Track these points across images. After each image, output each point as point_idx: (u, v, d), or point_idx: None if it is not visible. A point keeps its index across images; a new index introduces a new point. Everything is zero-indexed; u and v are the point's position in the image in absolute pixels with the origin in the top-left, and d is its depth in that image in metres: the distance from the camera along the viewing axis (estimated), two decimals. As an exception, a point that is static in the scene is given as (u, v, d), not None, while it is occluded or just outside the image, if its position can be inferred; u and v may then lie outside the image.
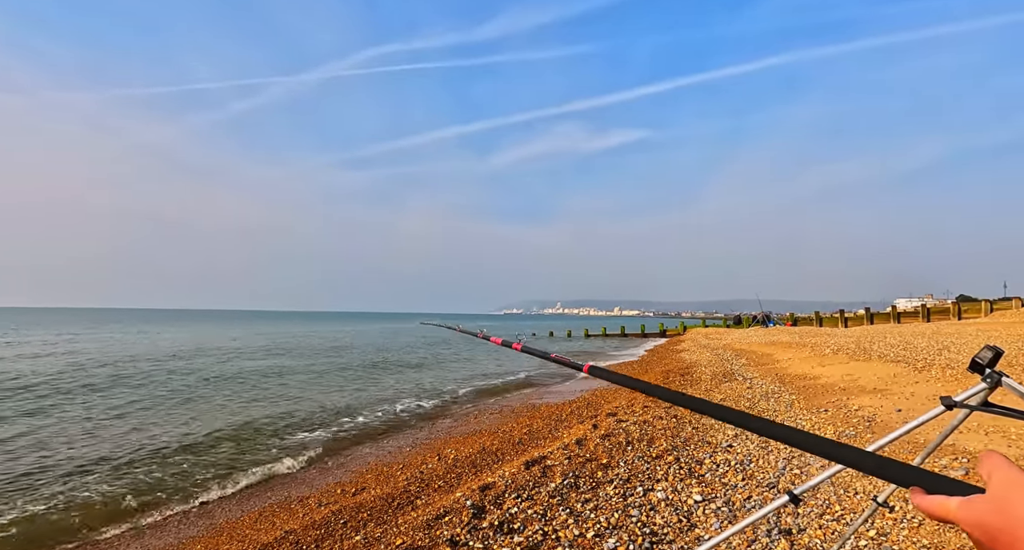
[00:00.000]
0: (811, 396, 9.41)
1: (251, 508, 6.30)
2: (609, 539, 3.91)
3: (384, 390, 15.89)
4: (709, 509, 4.42)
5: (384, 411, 12.28)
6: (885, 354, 13.15)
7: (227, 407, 12.58)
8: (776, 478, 5.07)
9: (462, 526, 4.33)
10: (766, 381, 11.90)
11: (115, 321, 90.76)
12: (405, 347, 35.21)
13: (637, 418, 8.44)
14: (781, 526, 3.90)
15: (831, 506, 4.21)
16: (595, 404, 11.56)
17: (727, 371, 14.72)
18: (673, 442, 6.71)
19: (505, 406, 13.06)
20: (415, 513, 5.14)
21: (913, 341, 15.72)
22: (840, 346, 16.70)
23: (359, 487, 6.71)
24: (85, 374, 18.03)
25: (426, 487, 6.30)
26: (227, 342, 37.96)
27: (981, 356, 1.25)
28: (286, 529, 5.20)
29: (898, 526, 3.67)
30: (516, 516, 4.47)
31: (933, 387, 8.59)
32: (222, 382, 17.05)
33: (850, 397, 8.77)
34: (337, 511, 5.56)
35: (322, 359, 25.96)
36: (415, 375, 19.92)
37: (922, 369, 10.27)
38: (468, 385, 17.25)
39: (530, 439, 8.53)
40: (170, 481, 7.26)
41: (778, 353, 18.25)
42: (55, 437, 9.44)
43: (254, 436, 9.79)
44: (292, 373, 19.83)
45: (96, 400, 13.17)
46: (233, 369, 20.67)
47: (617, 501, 4.72)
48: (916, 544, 3.38)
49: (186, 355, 26.49)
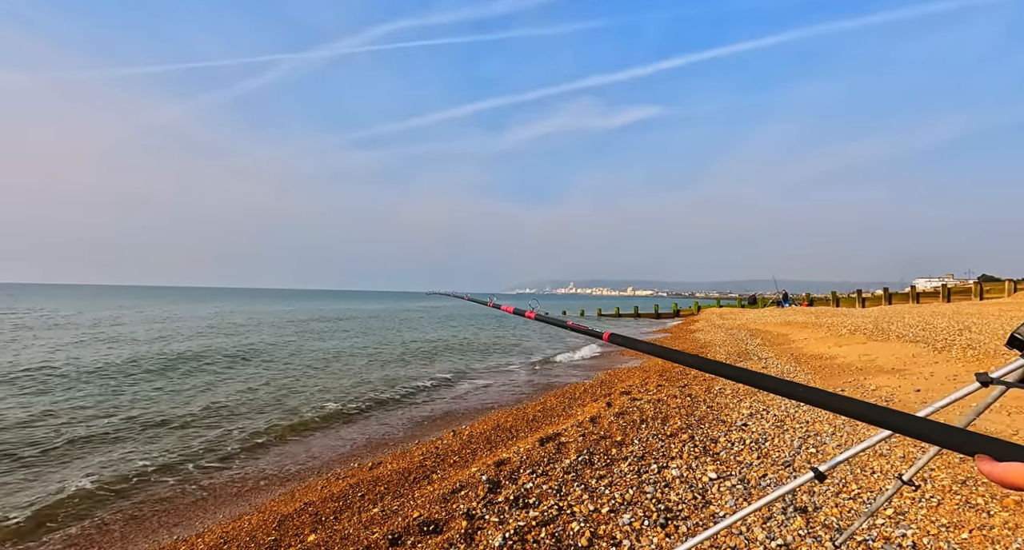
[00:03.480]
0: (827, 376, 9.34)
1: (270, 480, 6.45)
2: (624, 514, 3.94)
3: (402, 368, 16.08)
4: (724, 487, 4.43)
5: (398, 387, 12.43)
6: (903, 334, 12.98)
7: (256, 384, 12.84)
8: (792, 457, 5.05)
9: (478, 500, 4.38)
10: (782, 361, 11.82)
11: (133, 298, 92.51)
12: (418, 327, 35.53)
13: (651, 397, 8.45)
14: (796, 504, 3.89)
15: (847, 485, 4.19)
16: (609, 383, 11.59)
17: (742, 351, 14.65)
18: (687, 420, 6.71)
19: (519, 384, 13.16)
20: (431, 487, 5.22)
21: (933, 321, 15.48)
22: (857, 326, 16.50)
23: (375, 461, 6.83)
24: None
25: (441, 462, 6.39)
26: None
27: (1021, 331, 1.19)
28: (305, 501, 5.31)
29: (916, 505, 3.65)
30: (531, 491, 4.51)
31: (953, 367, 8.46)
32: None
33: (867, 377, 8.69)
34: (355, 484, 5.67)
35: (335, 341, 26.31)
36: (432, 354, 20.11)
37: (942, 349, 10.12)
38: (481, 364, 17.38)
39: (544, 417, 8.59)
40: (195, 448, 7.45)
41: (794, 333, 18.10)
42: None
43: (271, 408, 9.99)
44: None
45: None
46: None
47: (631, 478, 4.74)
48: (935, 523, 3.36)
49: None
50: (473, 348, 22.30)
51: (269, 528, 4.70)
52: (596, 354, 19.52)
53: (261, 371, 14.86)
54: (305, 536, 4.42)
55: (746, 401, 7.64)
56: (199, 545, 4.53)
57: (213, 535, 4.75)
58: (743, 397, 7.95)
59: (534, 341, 26.13)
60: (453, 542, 3.65)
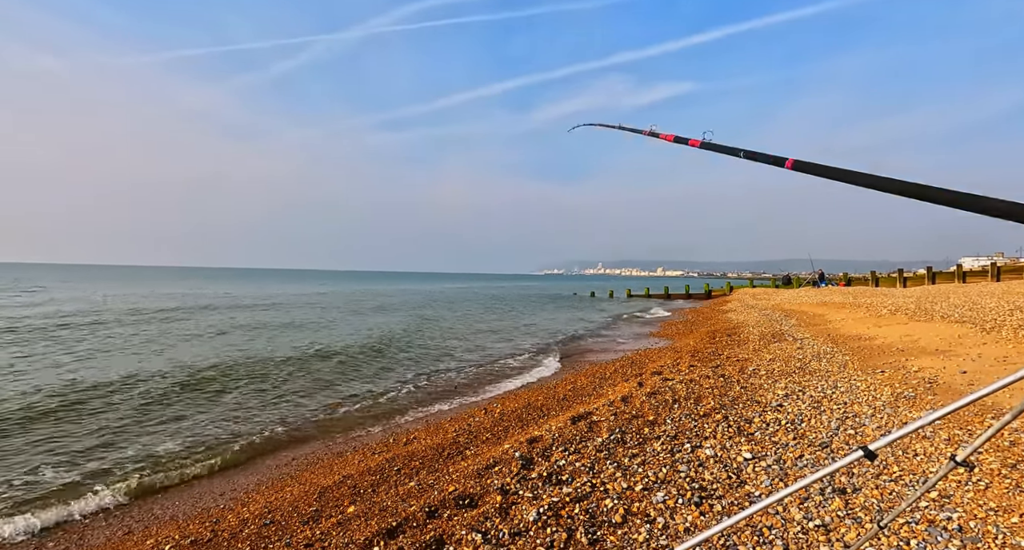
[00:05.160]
0: (866, 357, 9.09)
1: (306, 454, 6.68)
2: (658, 493, 3.95)
3: (434, 349, 16.33)
4: (759, 467, 4.39)
5: (432, 364, 12.65)
6: (949, 314, 12.50)
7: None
8: (829, 438, 4.96)
9: (512, 476, 4.45)
10: (818, 341, 11.55)
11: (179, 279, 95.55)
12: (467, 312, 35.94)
13: (683, 377, 8.38)
14: (835, 485, 3.83)
15: (888, 467, 4.10)
16: (639, 363, 11.54)
17: (776, 331, 14.36)
18: (721, 401, 6.64)
19: (551, 364, 13.23)
20: (465, 463, 5.32)
21: (980, 301, 14.86)
22: (898, 306, 15.96)
23: (410, 437, 6.99)
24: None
25: (474, 439, 6.50)
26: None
27: None
28: (344, 474, 5.49)
29: (962, 488, 3.55)
30: (564, 468, 4.56)
31: (1003, 349, 8.13)
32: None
33: (909, 358, 8.42)
34: (390, 459, 5.83)
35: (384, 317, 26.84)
36: (470, 332, 20.36)
37: (991, 330, 9.72)
38: (517, 341, 17.52)
39: (575, 396, 8.63)
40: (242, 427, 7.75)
41: (830, 313, 17.64)
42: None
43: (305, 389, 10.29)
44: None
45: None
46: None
47: (665, 457, 4.74)
48: (983, 507, 3.27)
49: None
50: (510, 328, 22.50)
51: (310, 499, 4.88)
52: (628, 332, 19.46)
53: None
54: (345, 507, 4.57)
55: (781, 382, 7.52)
56: (244, 514, 4.74)
57: (257, 505, 4.95)
58: (778, 378, 7.82)
59: (566, 322, 26.19)
60: (488, 516, 3.72)
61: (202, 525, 4.61)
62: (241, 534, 4.28)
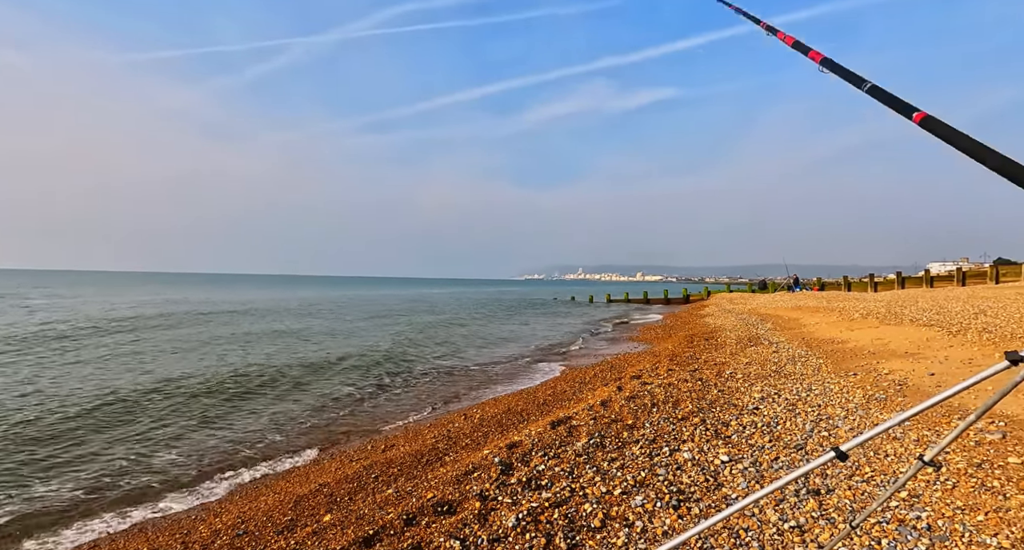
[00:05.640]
0: (839, 360, 9.28)
1: (283, 463, 6.56)
2: (636, 496, 3.96)
3: (416, 355, 16.21)
4: (736, 469, 4.44)
5: (412, 371, 12.54)
6: (917, 318, 12.84)
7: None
8: (804, 440, 5.04)
9: (491, 482, 4.43)
10: (793, 345, 11.76)
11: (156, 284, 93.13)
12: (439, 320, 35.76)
13: (662, 381, 8.45)
14: (809, 486, 3.89)
15: (860, 468, 4.18)
16: (619, 367, 11.61)
17: (752, 335, 14.58)
18: (699, 404, 6.71)
19: (531, 369, 13.22)
20: (444, 469, 5.28)
21: (947, 305, 15.30)
22: (869, 310, 16.36)
23: (388, 444, 6.91)
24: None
25: (454, 445, 6.45)
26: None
27: None
28: (320, 482, 5.40)
29: (931, 488, 3.64)
30: (543, 473, 4.55)
31: (969, 351, 8.37)
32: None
33: (880, 361, 8.62)
34: (368, 466, 5.75)
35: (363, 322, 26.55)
36: (449, 339, 20.25)
37: (957, 333, 10.01)
38: (498, 347, 17.48)
39: (554, 400, 8.63)
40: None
41: (805, 317, 17.98)
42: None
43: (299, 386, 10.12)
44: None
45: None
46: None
47: (643, 460, 4.76)
48: (950, 506, 3.35)
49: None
50: (492, 332, 22.44)
51: (285, 508, 4.78)
52: (608, 337, 19.57)
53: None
54: (321, 516, 4.49)
55: (757, 385, 7.62)
56: (216, 524, 4.63)
57: (230, 515, 4.84)
58: (754, 381, 7.93)
59: (550, 328, 26.24)
60: (467, 522, 3.69)
61: (172, 537, 4.48)
62: (213, 546, 4.18)
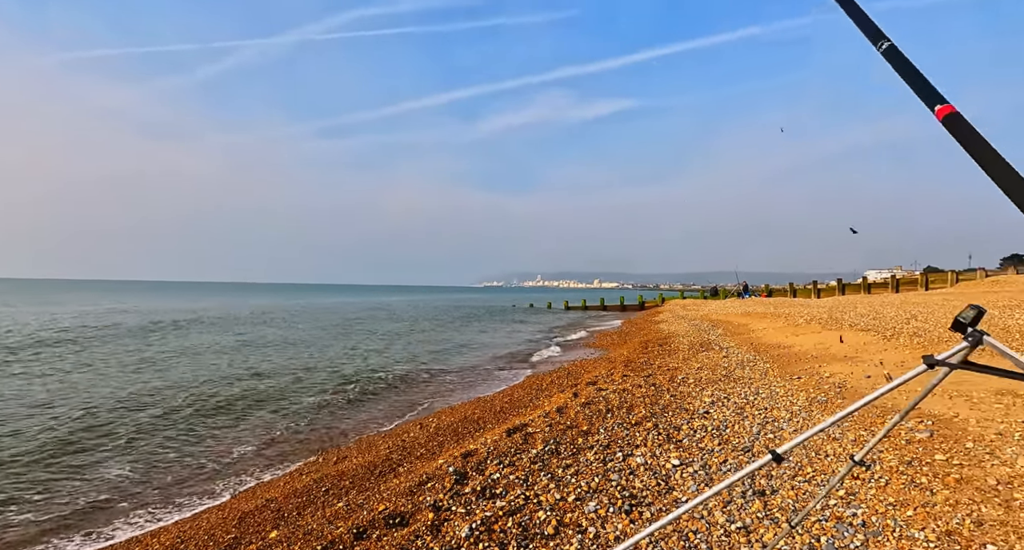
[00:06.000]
0: (785, 364, 9.65)
1: (230, 478, 6.29)
2: (590, 502, 3.99)
3: (372, 364, 15.89)
4: (687, 473, 4.54)
5: (367, 382, 12.29)
6: (856, 323, 13.52)
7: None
8: (751, 442, 5.21)
9: (445, 492, 4.37)
10: (742, 350, 12.16)
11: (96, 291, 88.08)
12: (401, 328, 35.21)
13: (617, 386, 8.57)
14: (755, 488, 4.02)
15: (803, 468, 4.35)
16: (575, 374, 11.71)
17: (704, 341, 15.00)
18: (652, 409, 6.83)
19: (489, 377, 13.18)
20: (397, 480, 5.18)
21: (882, 311, 16.18)
22: (813, 316, 17.11)
23: (340, 456, 6.74)
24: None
25: (408, 455, 6.35)
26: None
27: (964, 315, 1.24)
28: (267, 497, 5.20)
29: (866, 485, 3.81)
30: (498, 482, 4.53)
31: (901, 354, 8.87)
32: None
33: (822, 365, 9.01)
34: (319, 479, 5.58)
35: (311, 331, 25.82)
36: (407, 347, 19.95)
37: (891, 337, 10.59)
38: (454, 357, 17.34)
39: (511, 408, 8.63)
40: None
41: (753, 323, 18.64)
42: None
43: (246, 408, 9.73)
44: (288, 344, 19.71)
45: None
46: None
47: (597, 466, 4.81)
48: (883, 502, 3.52)
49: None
50: (448, 341, 22.24)
51: (229, 526, 4.59)
52: (565, 344, 19.73)
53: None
54: (267, 533, 4.33)
55: (708, 390, 7.83)
56: (154, 545, 4.39)
57: (169, 535, 4.60)
58: (705, 386, 8.15)
59: (508, 335, 26.23)
60: (419, 534, 3.63)
61: (105, 561, 4.23)
62: (149, 568, 3.96)
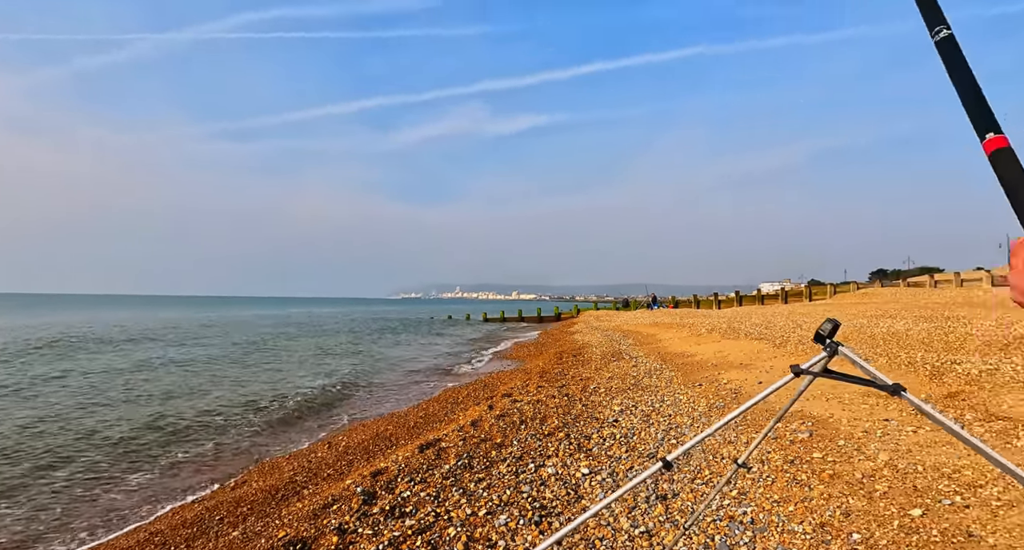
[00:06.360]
0: (688, 372, 10.22)
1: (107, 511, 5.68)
2: (501, 515, 3.98)
3: (280, 378, 15.01)
4: (595, 481, 4.66)
5: (274, 400, 11.58)
6: (750, 332, 14.61)
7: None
8: (656, 449, 5.44)
9: (351, 513, 4.19)
10: (650, 359, 12.74)
11: None
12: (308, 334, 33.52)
13: (531, 398, 8.67)
14: (658, 492, 4.20)
15: (701, 471, 4.60)
16: (492, 386, 11.73)
17: (615, 351, 15.57)
18: (564, 419, 6.97)
19: (404, 391, 12.88)
20: (300, 504, 4.91)
21: (774, 320, 17.62)
22: (714, 326, 18.30)
23: (239, 481, 6.29)
24: None
25: (314, 476, 6.05)
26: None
27: (823, 328, 1.40)
28: (151, 530, 4.74)
29: (756, 485, 4.10)
30: (408, 500, 4.41)
31: (789, 361, 9.67)
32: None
33: (721, 372, 9.64)
34: (212, 507, 5.17)
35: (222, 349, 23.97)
36: (317, 363, 19.03)
37: (780, 345, 11.54)
38: (367, 372, 16.77)
39: (425, 423, 8.48)
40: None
41: (661, 333, 19.62)
42: None
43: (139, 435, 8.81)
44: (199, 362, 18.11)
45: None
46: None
47: (510, 478, 4.82)
48: (769, 500, 3.80)
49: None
50: (363, 356, 21.48)
51: (104, 566, 4.13)
52: (483, 356, 19.72)
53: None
54: (149, 571, 3.94)
55: (618, 399, 8.12)
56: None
57: (30, 581, 4.07)
58: (615, 395, 8.44)
59: (424, 348, 25.79)
60: (322, 560, 3.45)
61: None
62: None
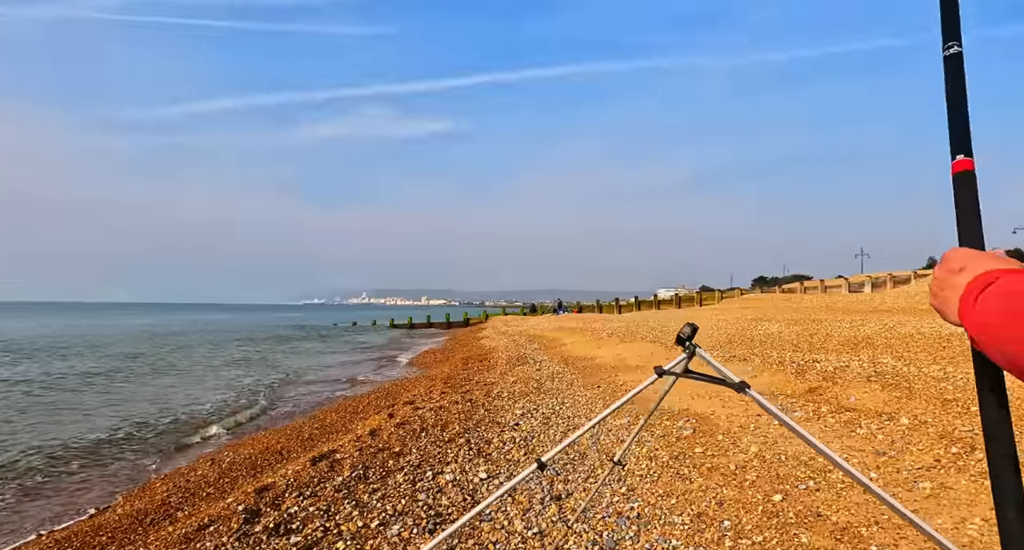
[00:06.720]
0: (589, 374, 10.59)
1: None
2: (394, 526, 3.87)
3: (162, 393, 13.63)
4: (493, 485, 4.67)
5: (155, 417, 10.50)
6: (646, 336, 15.45)
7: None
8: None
9: (230, 534, 3.88)
10: (553, 363, 13.06)
11: None
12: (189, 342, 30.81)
13: (434, 404, 8.56)
14: (553, 493, 4.28)
15: (594, 471, 4.76)
16: (394, 393, 11.44)
17: (521, 355, 15.81)
18: (465, 425, 6.94)
19: (299, 402, 12.23)
20: (172, 527, 4.47)
21: (667, 324, 18.74)
22: (614, 330, 19.14)
23: (102, 506, 5.63)
24: None
25: (192, 496, 5.55)
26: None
27: (683, 332, 1.50)
28: (-15, 572, 4.11)
29: (643, 481, 4.31)
30: (296, 515, 4.16)
31: (678, 362, 10.31)
32: None
33: (618, 374, 10.09)
34: (63, 538, 4.58)
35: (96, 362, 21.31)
36: (203, 376, 17.51)
37: (671, 348, 12.28)
38: (260, 382, 15.72)
39: (321, 434, 8.09)
40: None
41: (564, 337, 20.19)
42: None
43: None
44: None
45: None
46: None
47: (406, 488, 4.70)
48: (654, 494, 4.01)
49: None
50: (256, 364, 20.09)
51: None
52: (388, 363, 19.21)
53: None
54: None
55: (520, 402, 8.23)
56: None
57: None
58: (518, 399, 8.54)
59: (320, 358, 24.66)
60: (192, 589, 3.16)
61: None
62: None
